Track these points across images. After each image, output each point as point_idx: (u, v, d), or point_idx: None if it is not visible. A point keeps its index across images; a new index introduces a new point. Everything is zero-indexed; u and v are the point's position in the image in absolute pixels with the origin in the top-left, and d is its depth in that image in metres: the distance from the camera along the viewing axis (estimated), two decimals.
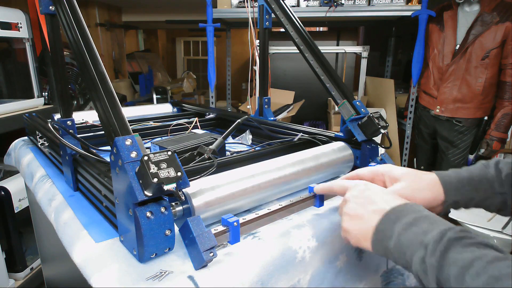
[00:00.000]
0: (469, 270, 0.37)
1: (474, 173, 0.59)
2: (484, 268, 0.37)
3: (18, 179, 1.65)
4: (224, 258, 0.51)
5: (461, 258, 0.39)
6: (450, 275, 0.39)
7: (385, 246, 0.47)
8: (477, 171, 0.59)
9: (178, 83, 4.73)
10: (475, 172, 0.59)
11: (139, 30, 5.06)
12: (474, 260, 0.38)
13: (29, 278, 1.69)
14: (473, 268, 0.37)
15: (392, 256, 0.47)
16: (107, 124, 0.53)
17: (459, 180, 0.58)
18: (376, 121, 0.78)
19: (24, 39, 1.83)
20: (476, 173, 0.59)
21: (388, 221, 0.48)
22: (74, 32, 0.60)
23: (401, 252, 0.45)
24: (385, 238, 0.47)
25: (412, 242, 0.44)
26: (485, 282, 0.36)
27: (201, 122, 1.23)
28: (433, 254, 0.41)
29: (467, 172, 0.59)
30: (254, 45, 1.52)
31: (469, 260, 0.38)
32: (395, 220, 0.47)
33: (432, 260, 0.41)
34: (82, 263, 0.52)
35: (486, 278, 0.36)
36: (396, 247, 0.46)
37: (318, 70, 0.90)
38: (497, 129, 1.96)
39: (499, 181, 0.57)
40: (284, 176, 0.68)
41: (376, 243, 0.49)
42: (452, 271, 0.38)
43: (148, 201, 0.47)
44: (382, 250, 0.48)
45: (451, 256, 0.39)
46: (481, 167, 0.60)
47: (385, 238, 0.47)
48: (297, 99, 2.86)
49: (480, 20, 1.91)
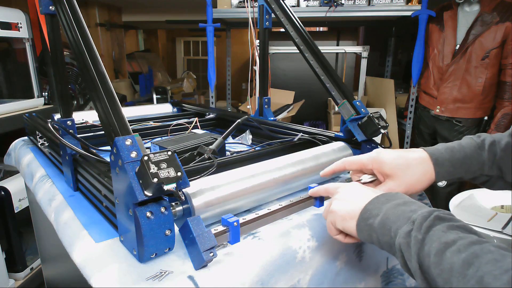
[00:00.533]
0: (451, 247, 0.38)
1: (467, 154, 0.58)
2: (465, 246, 0.37)
3: (18, 179, 1.65)
4: (224, 258, 0.51)
5: (444, 236, 0.39)
6: (431, 250, 0.39)
7: (370, 224, 0.48)
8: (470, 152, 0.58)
9: (178, 83, 4.73)
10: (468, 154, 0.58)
11: (139, 30, 5.06)
12: (457, 239, 0.38)
13: (29, 278, 1.69)
14: (455, 245, 0.38)
15: (374, 234, 0.47)
16: (107, 124, 0.53)
17: (452, 163, 0.58)
18: (376, 121, 0.78)
19: (24, 39, 1.82)
20: (469, 154, 0.58)
21: (377, 201, 0.49)
22: (74, 32, 0.60)
23: (386, 228, 0.45)
24: (371, 216, 0.48)
25: (399, 218, 0.45)
26: (464, 259, 0.36)
27: (201, 122, 1.23)
28: (419, 229, 0.41)
29: (460, 153, 0.58)
30: (254, 45, 1.52)
31: (452, 239, 0.39)
32: (384, 201, 0.48)
33: (417, 234, 0.41)
34: (82, 263, 0.52)
35: (466, 255, 0.36)
36: (381, 223, 0.46)
37: (318, 70, 0.90)
38: (497, 129, 1.96)
39: (490, 165, 0.58)
40: (284, 176, 0.68)
41: (361, 221, 0.49)
42: (434, 246, 0.39)
43: (148, 201, 0.47)
44: (365, 228, 0.48)
45: (436, 233, 0.40)
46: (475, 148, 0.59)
47: (371, 216, 0.48)
48: (297, 99, 2.86)
49: (480, 20, 1.91)
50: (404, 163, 0.58)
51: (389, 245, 0.45)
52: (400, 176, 0.57)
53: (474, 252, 0.36)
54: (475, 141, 0.60)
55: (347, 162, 0.64)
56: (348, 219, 0.51)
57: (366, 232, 0.48)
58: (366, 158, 0.61)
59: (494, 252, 0.36)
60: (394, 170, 0.58)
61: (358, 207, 0.50)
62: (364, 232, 0.48)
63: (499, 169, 0.58)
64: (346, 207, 0.51)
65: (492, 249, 0.36)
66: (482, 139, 0.60)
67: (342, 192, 0.55)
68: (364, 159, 0.61)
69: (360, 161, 0.62)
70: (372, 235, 0.47)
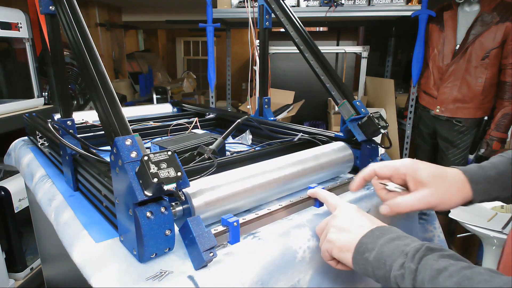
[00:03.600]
0: (443, 272, 0.40)
1: (500, 170, 0.56)
2: (457, 271, 0.39)
3: (18, 179, 1.65)
4: (224, 258, 0.51)
5: (436, 263, 0.41)
6: (425, 277, 0.41)
7: (365, 258, 0.49)
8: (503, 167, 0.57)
9: (178, 83, 4.73)
10: (501, 169, 0.57)
11: (139, 30, 5.06)
12: (448, 266, 0.40)
13: (29, 278, 1.69)
14: (447, 271, 0.40)
15: (370, 268, 0.48)
16: (107, 124, 0.53)
17: (487, 179, 0.56)
18: (376, 121, 0.78)
19: (24, 39, 1.82)
20: (502, 169, 0.57)
21: (372, 235, 0.50)
22: (74, 32, 0.60)
23: (381, 262, 0.47)
24: (367, 250, 0.49)
25: (393, 252, 0.46)
26: (456, 282, 0.38)
27: (201, 122, 1.23)
28: (412, 260, 0.43)
29: (494, 170, 0.57)
30: (254, 45, 1.52)
31: (444, 266, 0.41)
32: (379, 235, 0.49)
33: (410, 264, 0.43)
34: (82, 263, 0.52)
35: (457, 278, 0.38)
36: (376, 257, 0.47)
37: (318, 70, 0.90)
38: (497, 129, 1.96)
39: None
40: (284, 176, 0.68)
41: (357, 255, 0.50)
42: (427, 274, 0.41)
43: (148, 201, 0.47)
44: (361, 261, 0.49)
45: (428, 262, 0.42)
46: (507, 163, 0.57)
47: (367, 250, 0.49)
48: (297, 99, 2.86)
49: (480, 20, 1.91)
50: (441, 173, 0.56)
51: (385, 278, 0.46)
52: (436, 186, 0.55)
53: (465, 275, 0.38)
54: (506, 157, 0.58)
55: (378, 167, 0.60)
56: (344, 251, 0.52)
57: (361, 265, 0.49)
58: (400, 163, 0.58)
59: (484, 274, 0.38)
60: (430, 178, 0.55)
61: (355, 239, 0.51)
62: (360, 265, 0.50)
63: None
64: (343, 238, 0.52)
65: (482, 272, 0.38)
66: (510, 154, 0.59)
67: (340, 218, 0.55)
68: (398, 164, 0.58)
69: (394, 166, 0.58)
70: (368, 269, 0.49)
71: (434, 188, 0.55)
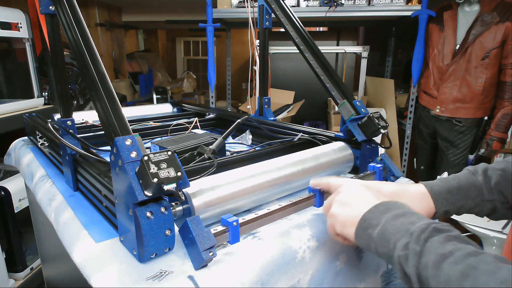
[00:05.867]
0: (448, 258, 0.38)
1: (462, 181, 0.59)
2: (462, 258, 0.37)
3: (18, 179, 1.65)
4: (224, 258, 0.51)
5: (441, 247, 0.40)
6: (429, 262, 0.39)
7: (369, 234, 0.48)
8: (465, 179, 0.59)
9: (178, 83, 4.73)
10: (463, 180, 0.59)
11: (139, 30, 5.06)
12: (454, 251, 0.39)
13: (29, 278, 1.69)
14: (452, 257, 0.38)
15: (373, 244, 0.47)
16: (107, 124, 0.53)
17: (448, 189, 0.58)
18: (376, 121, 0.78)
19: (24, 39, 1.82)
20: (464, 181, 0.59)
21: (376, 211, 0.49)
22: (74, 32, 0.60)
23: (384, 240, 0.45)
24: (370, 226, 0.48)
25: (398, 230, 0.45)
26: (461, 270, 0.36)
27: (201, 122, 1.23)
28: (417, 241, 0.42)
29: (455, 181, 0.59)
30: (254, 45, 1.52)
31: (449, 250, 0.39)
32: (384, 211, 0.48)
33: (415, 246, 0.41)
34: (82, 263, 0.52)
35: (463, 266, 0.37)
36: (380, 234, 0.46)
37: (318, 70, 0.90)
38: (497, 129, 1.96)
39: (488, 188, 0.58)
40: (284, 176, 0.68)
41: (359, 230, 0.49)
42: (431, 258, 0.39)
43: (148, 201, 0.47)
44: (364, 237, 0.48)
45: (433, 244, 0.40)
46: (468, 175, 0.60)
47: (370, 227, 0.48)
48: (297, 99, 2.86)
49: (480, 20, 1.91)
50: (403, 189, 0.59)
51: (388, 256, 0.45)
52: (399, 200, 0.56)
53: (470, 264, 0.36)
54: (469, 170, 0.61)
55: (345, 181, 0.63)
56: (347, 226, 0.51)
57: (364, 241, 0.49)
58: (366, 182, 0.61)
59: (490, 263, 0.36)
60: (391, 195, 0.58)
61: (358, 214, 0.50)
62: (362, 240, 0.49)
63: (501, 194, 0.58)
64: (346, 212, 0.52)
65: (488, 260, 0.36)
66: (475, 167, 0.61)
67: (344, 193, 0.54)
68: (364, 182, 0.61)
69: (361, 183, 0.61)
70: (371, 245, 0.48)
71: None
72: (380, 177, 0.77)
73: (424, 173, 2.36)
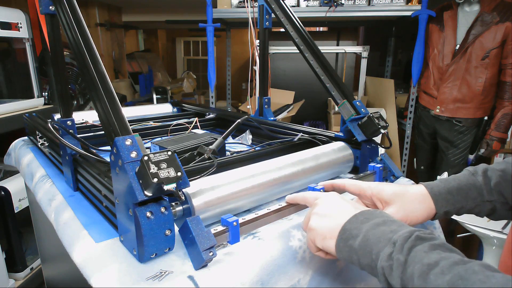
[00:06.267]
0: (434, 268, 0.37)
1: (462, 182, 0.59)
2: (449, 268, 0.36)
3: (18, 179, 1.65)
4: (224, 258, 0.51)
5: (426, 257, 0.39)
6: (414, 273, 0.38)
7: (350, 245, 0.46)
8: (465, 179, 0.59)
9: (178, 83, 4.73)
10: (463, 181, 0.59)
11: (139, 30, 5.06)
12: (440, 260, 0.38)
13: (29, 278, 1.69)
14: (438, 267, 0.37)
15: (355, 256, 0.46)
16: (107, 124, 0.53)
17: (448, 190, 0.58)
18: (376, 121, 0.78)
19: (24, 39, 1.82)
20: (464, 181, 0.59)
21: (356, 220, 0.48)
22: (74, 32, 0.60)
23: (366, 250, 0.44)
24: (351, 237, 0.46)
25: (380, 239, 0.44)
26: (449, 281, 0.35)
27: (201, 122, 1.23)
28: (401, 250, 0.41)
29: (455, 182, 0.59)
30: (254, 45, 1.52)
31: (435, 260, 0.38)
32: (363, 220, 0.47)
33: (399, 256, 0.40)
34: (82, 263, 0.52)
35: (450, 276, 0.36)
36: (361, 245, 0.45)
37: (318, 70, 0.90)
38: (497, 129, 1.96)
39: (488, 189, 0.58)
40: (284, 176, 0.68)
41: (340, 242, 0.47)
42: (416, 269, 0.38)
43: (148, 201, 0.47)
44: (345, 249, 0.47)
45: (418, 254, 0.39)
46: (468, 175, 0.60)
47: (351, 237, 0.46)
48: (297, 99, 2.86)
49: (480, 20, 1.91)
50: (403, 190, 0.58)
51: (371, 267, 0.44)
52: (399, 202, 0.57)
53: (458, 274, 0.35)
54: (469, 171, 0.61)
55: (348, 183, 0.63)
56: (328, 238, 0.49)
57: (346, 253, 0.47)
58: (367, 185, 0.61)
59: (479, 273, 0.35)
60: (392, 196, 0.57)
61: (338, 225, 0.49)
62: (344, 253, 0.47)
63: (501, 195, 0.58)
64: (325, 224, 0.50)
65: (476, 270, 0.35)
66: (475, 168, 0.61)
67: (321, 205, 0.53)
68: (364, 186, 0.61)
69: (361, 187, 0.61)
70: (353, 257, 0.46)
71: (398, 205, 0.57)
72: (380, 177, 0.77)
73: (424, 173, 2.37)
